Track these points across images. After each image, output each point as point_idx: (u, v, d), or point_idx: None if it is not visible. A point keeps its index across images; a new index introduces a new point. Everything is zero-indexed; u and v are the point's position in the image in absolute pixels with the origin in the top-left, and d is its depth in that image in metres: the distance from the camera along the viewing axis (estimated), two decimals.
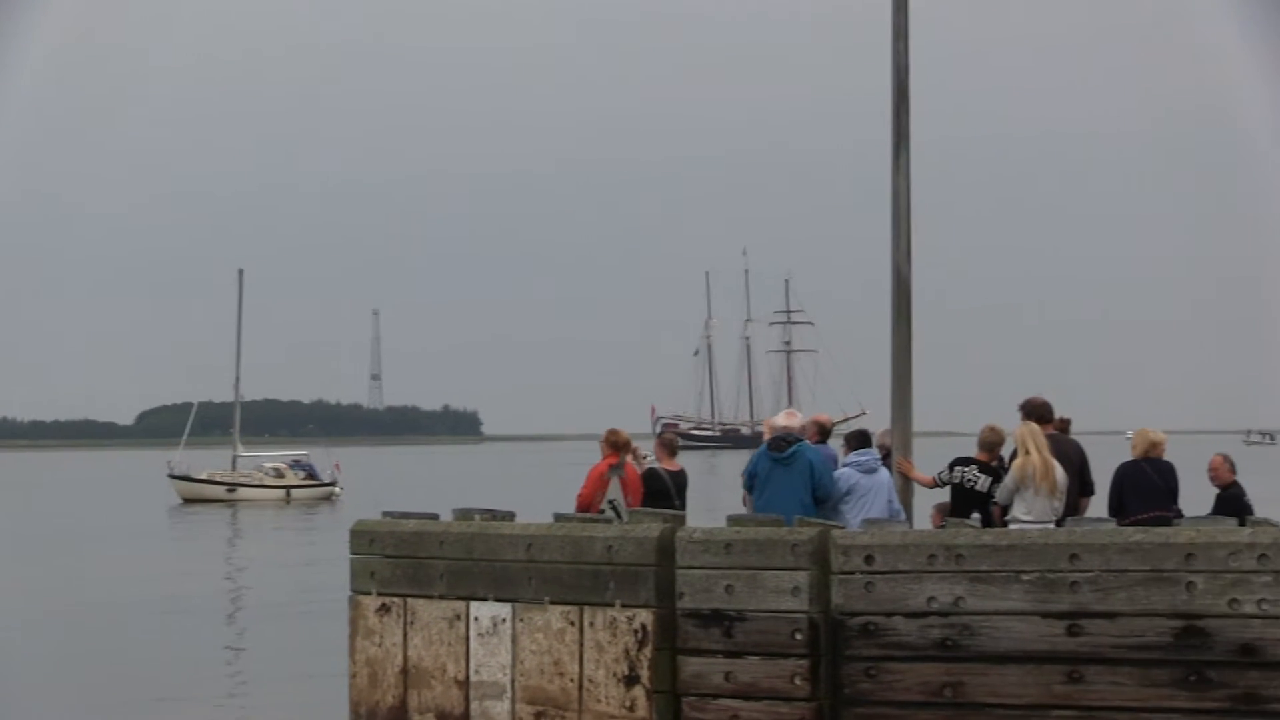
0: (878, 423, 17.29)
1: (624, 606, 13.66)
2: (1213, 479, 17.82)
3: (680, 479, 18.30)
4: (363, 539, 15.38)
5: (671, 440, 19.13)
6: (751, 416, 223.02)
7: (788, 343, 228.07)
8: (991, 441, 16.77)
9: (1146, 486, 16.87)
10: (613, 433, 17.77)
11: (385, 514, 15.78)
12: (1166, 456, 17.22)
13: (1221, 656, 12.18)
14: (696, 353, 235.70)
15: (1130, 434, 17.54)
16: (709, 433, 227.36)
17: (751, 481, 16.30)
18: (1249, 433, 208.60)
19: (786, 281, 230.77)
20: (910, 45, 16.69)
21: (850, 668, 13.07)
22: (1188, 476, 17.36)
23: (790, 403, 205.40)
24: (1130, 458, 17.18)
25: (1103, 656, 12.44)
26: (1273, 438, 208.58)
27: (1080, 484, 16.76)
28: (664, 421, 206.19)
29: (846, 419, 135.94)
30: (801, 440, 16.39)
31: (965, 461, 16.62)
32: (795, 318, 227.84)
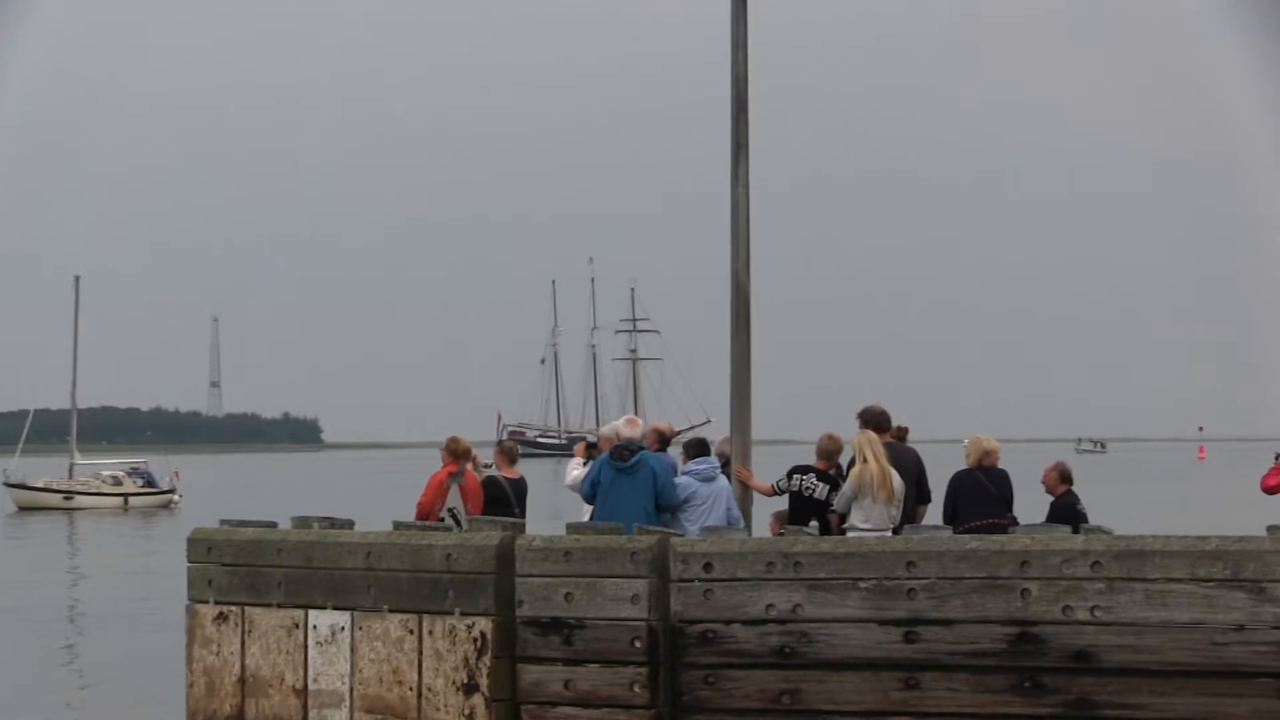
0: (724, 431, 17.34)
1: (463, 615, 13.61)
2: (1046, 487, 18.09)
3: (520, 487, 18.32)
4: (200, 547, 15.22)
5: (511, 448, 19.14)
6: (597, 424, 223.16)
7: (633, 350, 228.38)
8: (829, 449, 16.90)
9: (981, 494, 17.09)
10: (453, 440, 17.76)
11: (223, 522, 15.62)
12: (1001, 464, 17.45)
13: (1055, 663, 12.34)
14: (543, 361, 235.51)
15: (966, 442, 17.75)
16: (554, 440, 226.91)
17: (594, 490, 16.33)
18: (1079, 440, 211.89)
19: (632, 290, 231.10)
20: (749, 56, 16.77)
21: (689, 675, 13.11)
22: (1023, 485, 17.59)
23: (636, 410, 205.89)
24: (965, 466, 17.39)
25: (939, 663, 12.56)
26: (1103, 446, 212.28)
27: (918, 492, 16.95)
28: (509, 429, 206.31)
29: (692, 426, 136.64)
30: (644, 449, 16.46)
31: (804, 469, 16.75)
32: (641, 326, 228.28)
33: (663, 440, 17.69)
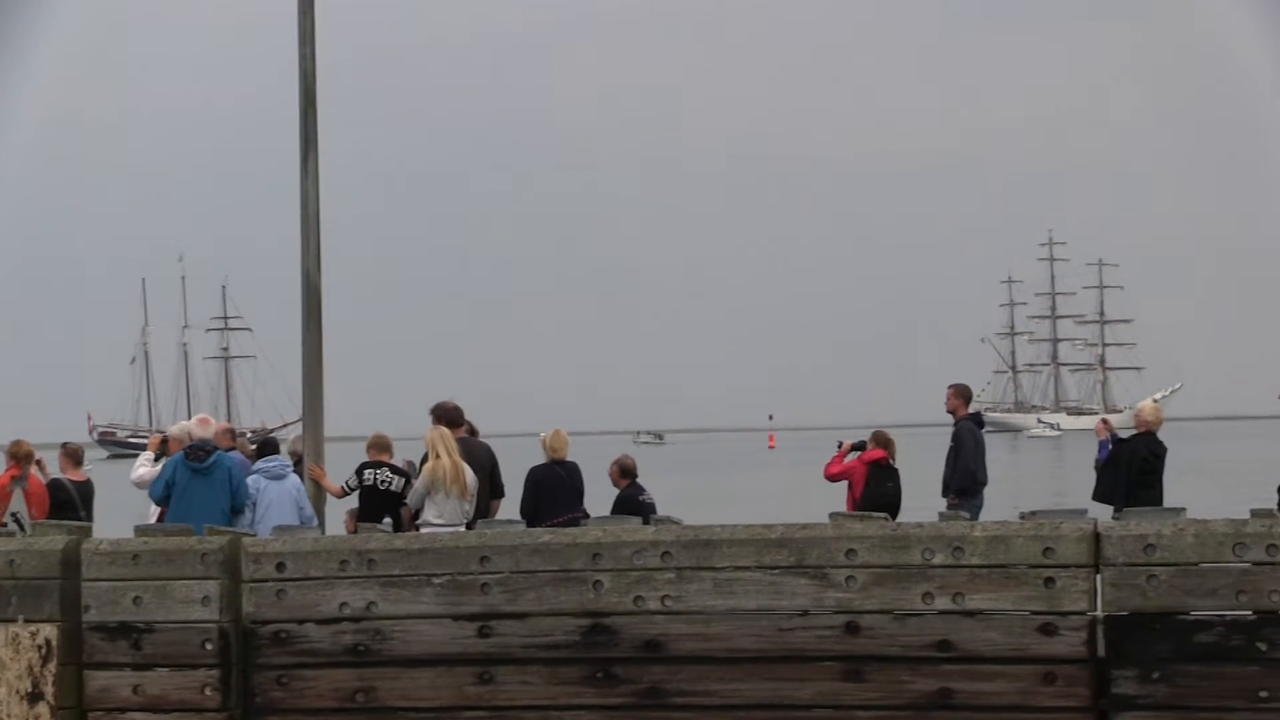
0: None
1: (27, 622, 13.35)
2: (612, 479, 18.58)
3: (86, 489, 18.10)
4: None
5: (76, 450, 18.89)
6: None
7: (225, 349, 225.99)
8: (381, 444, 17.13)
9: (558, 487, 17.46)
10: (16, 444, 17.45)
11: None
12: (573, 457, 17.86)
13: (627, 653, 12.63)
14: (133, 360, 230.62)
15: (543, 436, 18.08)
16: (146, 440, 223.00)
17: (168, 491, 16.21)
18: (638, 433, 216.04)
19: (224, 287, 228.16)
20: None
21: (262, 676, 13.08)
22: (589, 479, 18.00)
23: (229, 409, 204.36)
24: (543, 460, 17.73)
25: (513, 656, 12.76)
26: (661, 437, 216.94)
27: (491, 486, 17.23)
28: (100, 430, 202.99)
29: (285, 424, 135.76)
30: (219, 449, 16.41)
31: (375, 464, 16.88)
32: (233, 324, 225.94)
33: (234, 438, 17.66)
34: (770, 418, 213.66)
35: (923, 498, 18.93)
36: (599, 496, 18.53)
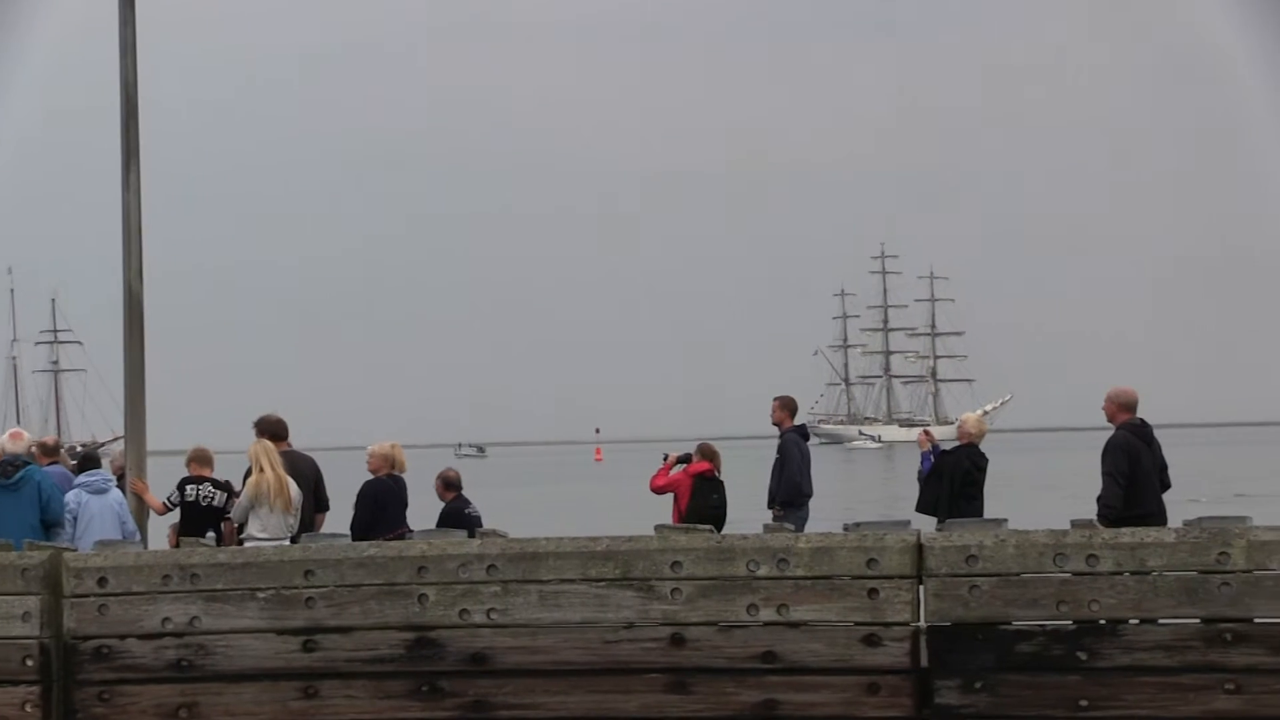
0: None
1: None
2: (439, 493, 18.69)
3: None
4: None
5: None
6: None
7: (55, 362, 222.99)
8: (202, 458, 17.11)
9: (392, 501, 17.54)
10: None
11: None
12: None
13: (453, 666, 12.73)
14: None
15: (371, 448, 18.11)
16: None
17: None
18: (460, 445, 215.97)
19: (53, 300, 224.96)
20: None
21: (83, 693, 13.04)
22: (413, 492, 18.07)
23: (59, 422, 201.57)
24: (370, 475, 17.78)
25: (338, 671, 12.82)
26: (483, 450, 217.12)
27: (315, 500, 17.23)
28: None
29: (116, 438, 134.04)
30: (30, 463, 16.30)
31: (196, 480, 16.86)
32: (63, 337, 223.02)
33: (50, 452, 17.53)
34: (597, 431, 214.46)
35: (748, 509, 19.13)
36: (423, 510, 18.60)
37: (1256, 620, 12.10)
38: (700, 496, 19.88)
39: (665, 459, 20.51)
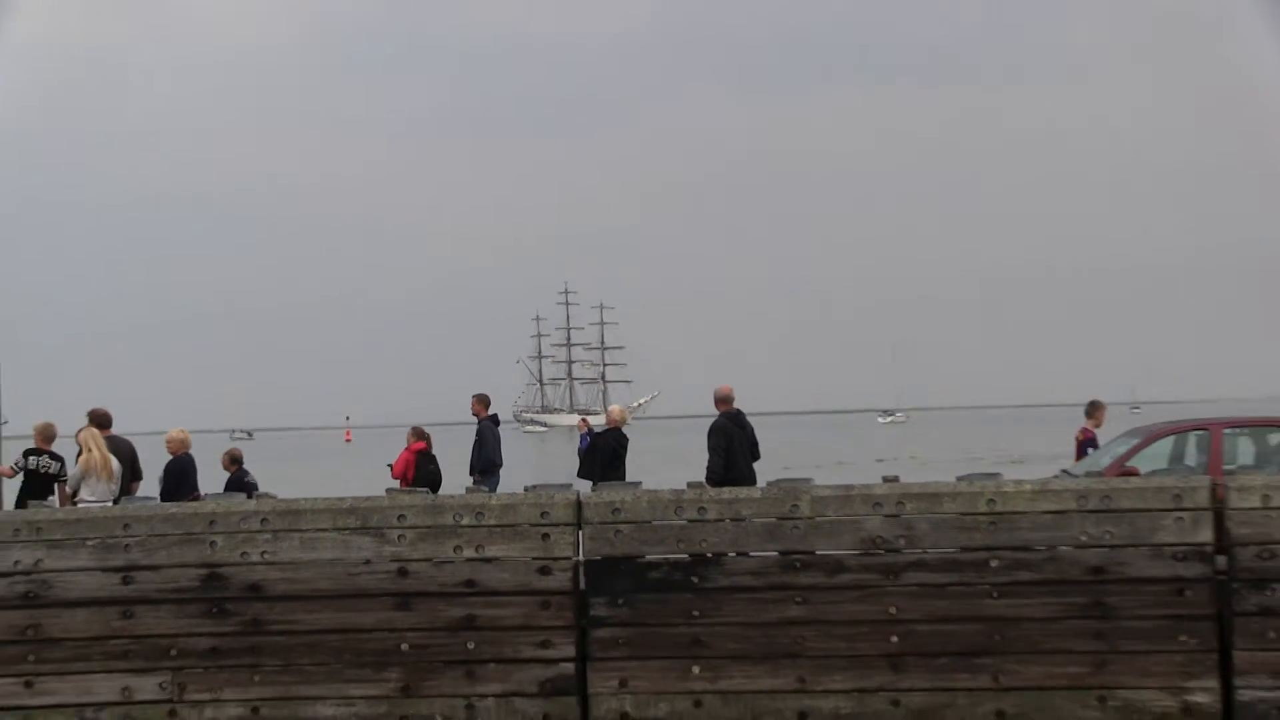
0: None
1: None
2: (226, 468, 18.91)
3: None
4: None
5: None
6: None
7: None
8: (45, 433, 17.11)
9: (189, 473, 17.73)
10: None
11: None
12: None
13: (236, 594, 12.84)
14: None
15: (170, 434, 18.22)
16: None
17: None
18: (233, 431, 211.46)
19: None
20: None
21: None
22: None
23: None
24: (170, 455, 17.95)
25: (148, 598, 12.90)
26: (250, 434, 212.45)
27: (131, 472, 17.34)
28: None
29: None
30: None
31: (37, 451, 16.85)
32: None
33: None
34: (348, 418, 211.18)
35: (460, 476, 19.60)
36: (213, 479, 18.77)
37: (817, 552, 12.49)
38: (420, 468, 20.26)
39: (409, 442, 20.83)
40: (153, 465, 18.18)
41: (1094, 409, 20.39)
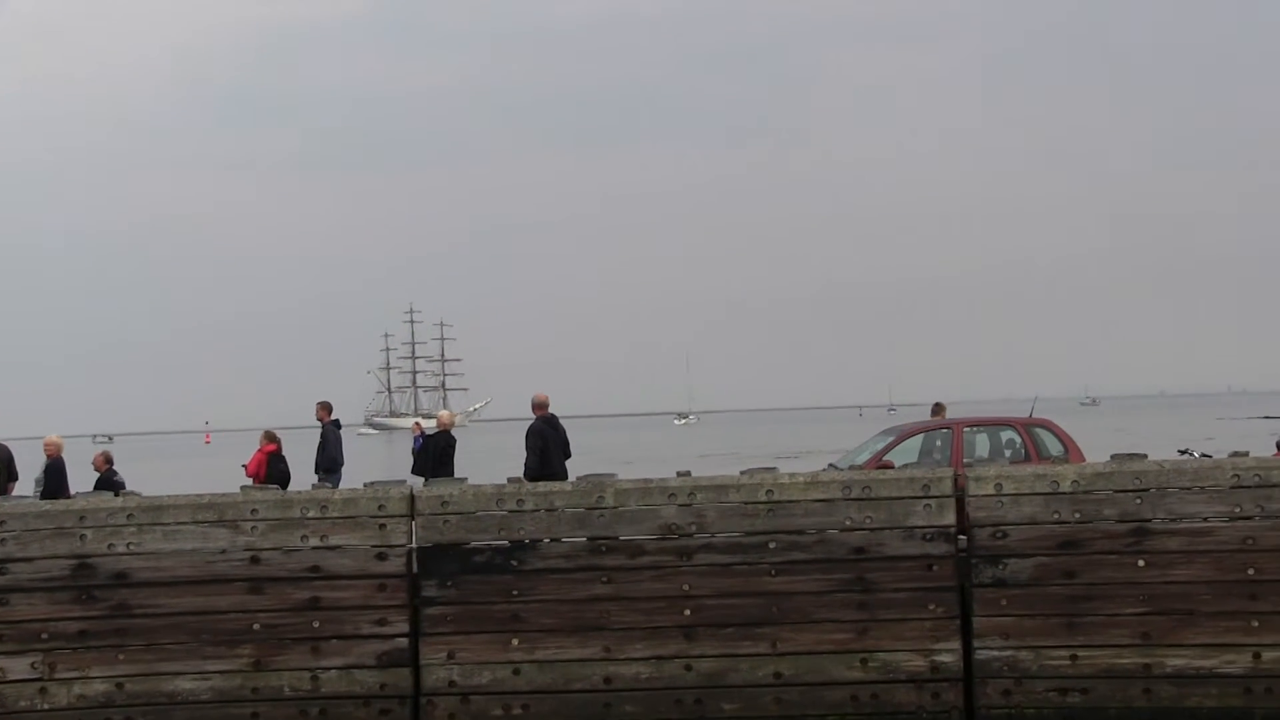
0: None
1: None
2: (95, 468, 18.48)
3: None
4: None
5: None
6: None
7: None
8: None
9: (65, 474, 17.31)
10: None
11: None
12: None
13: (104, 581, 12.54)
14: None
15: (47, 439, 17.83)
16: None
17: None
18: (95, 436, 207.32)
19: None
20: None
21: None
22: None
23: None
24: (48, 458, 17.54)
25: (23, 587, 12.56)
26: (110, 439, 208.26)
27: (8, 474, 16.85)
28: None
29: None
30: None
31: None
32: None
33: None
34: (206, 422, 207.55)
35: (307, 474, 19.32)
36: (86, 478, 18.29)
37: (621, 538, 12.53)
38: (272, 467, 19.96)
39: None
40: (28, 468, 17.65)
41: (937, 409, 20.87)
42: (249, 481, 18.85)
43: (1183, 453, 20.44)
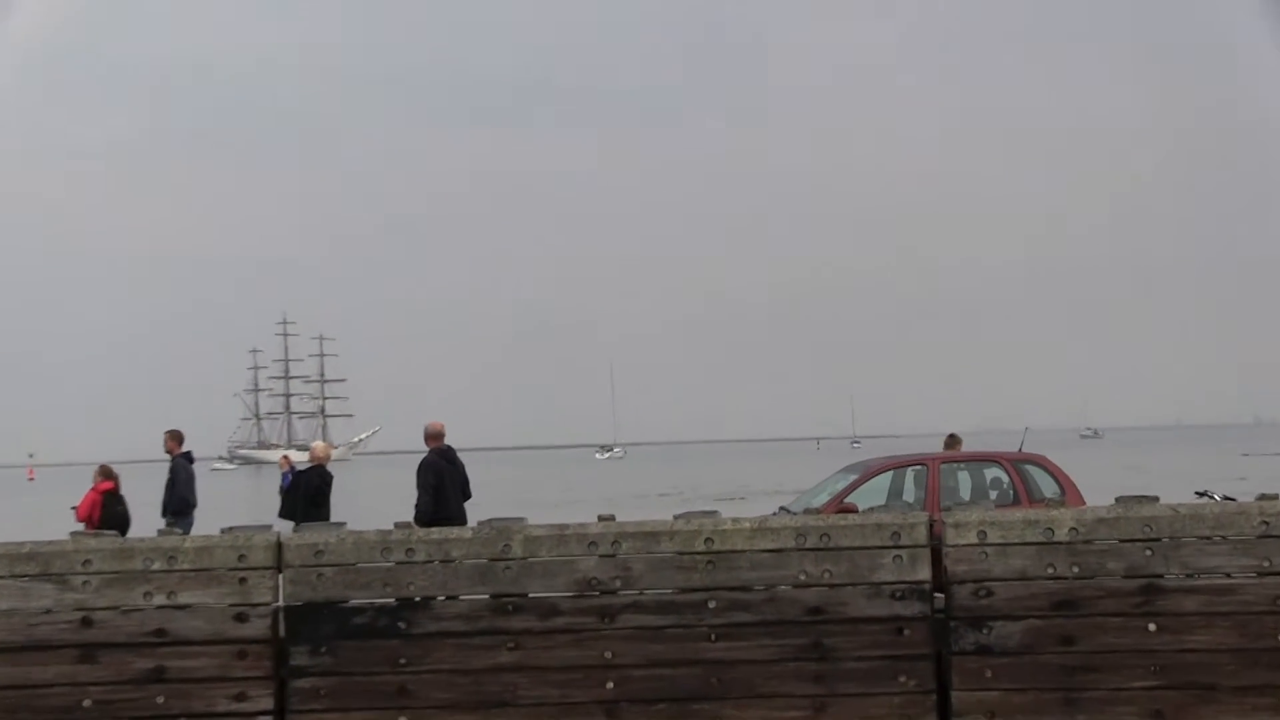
0: None
1: None
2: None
3: None
4: None
5: None
6: None
7: None
8: None
9: None
10: None
11: None
12: None
13: None
14: None
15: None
16: None
17: None
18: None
19: None
20: None
21: None
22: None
23: None
24: None
25: None
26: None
27: None
28: None
29: None
30: None
31: None
32: None
33: None
34: (30, 455, 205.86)
35: (151, 518, 19.12)
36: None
37: (530, 595, 12.46)
38: (107, 508, 19.79)
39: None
40: None
41: (951, 441, 21.01)
42: (80, 526, 18.64)
43: (1201, 495, 20.67)
